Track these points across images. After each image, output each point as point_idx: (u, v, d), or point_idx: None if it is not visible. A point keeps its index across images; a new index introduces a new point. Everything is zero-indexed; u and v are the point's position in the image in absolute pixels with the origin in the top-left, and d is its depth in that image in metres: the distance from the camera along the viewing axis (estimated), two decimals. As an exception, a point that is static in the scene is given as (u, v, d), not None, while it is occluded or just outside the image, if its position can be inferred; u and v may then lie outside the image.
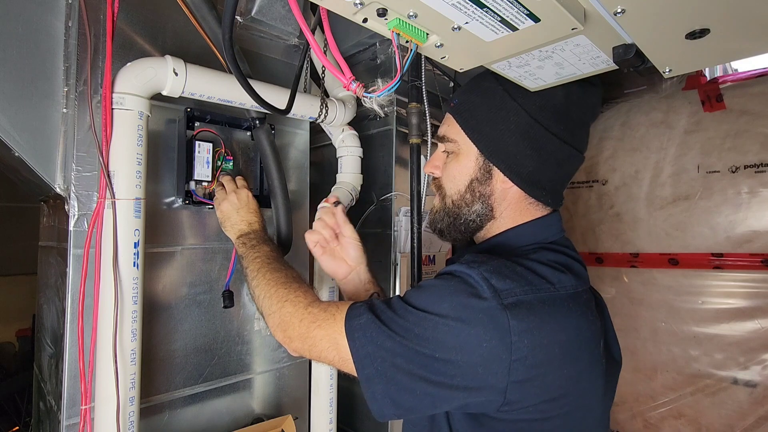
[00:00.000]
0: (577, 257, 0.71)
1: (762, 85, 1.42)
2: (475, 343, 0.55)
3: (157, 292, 0.95)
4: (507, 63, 0.66)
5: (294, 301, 0.72)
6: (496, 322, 0.54)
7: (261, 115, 1.01)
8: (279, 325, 0.72)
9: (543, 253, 0.67)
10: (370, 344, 0.58)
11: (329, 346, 0.63)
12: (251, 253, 0.86)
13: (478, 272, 0.58)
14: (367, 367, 0.58)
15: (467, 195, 0.73)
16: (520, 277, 0.59)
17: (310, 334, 0.66)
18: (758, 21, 0.51)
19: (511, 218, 0.73)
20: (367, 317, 0.61)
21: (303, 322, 0.68)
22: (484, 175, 0.72)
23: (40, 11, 0.82)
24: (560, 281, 0.62)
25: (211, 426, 1.03)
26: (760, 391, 1.40)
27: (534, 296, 0.58)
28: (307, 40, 0.63)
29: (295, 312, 0.70)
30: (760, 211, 1.41)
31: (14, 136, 0.79)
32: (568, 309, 0.60)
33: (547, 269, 0.62)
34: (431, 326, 0.56)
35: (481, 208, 0.73)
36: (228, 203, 0.94)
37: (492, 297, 0.56)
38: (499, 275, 0.58)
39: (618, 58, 0.61)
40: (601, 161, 1.77)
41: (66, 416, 0.81)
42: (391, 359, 0.57)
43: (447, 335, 0.55)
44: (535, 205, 0.73)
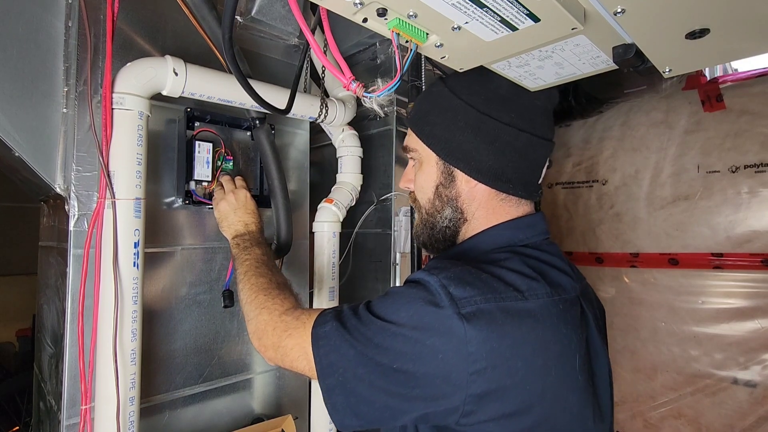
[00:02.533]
0: (558, 263, 0.65)
1: (762, 85, 1.42)
2: (431, 354, 0.53)
3: (157, 292, 0.95)
4: (507, 63, 0.66)
5: (270, 309, 0.71)
6: (452, 333, 0.52)
7: (261, 115, 1.01)
8: (255, 333, 0.71)
9: (515, 259, 0.62)
10: (333, 353, 0.57)
11: (299, 356, 0.62)
12: (242, 255, 0.86)
13: (437, 279, 0.56)
14: (328, 376, 0.57)
15: (436, 202, 0.72)
16: (484, 284, 0.56)
17: (281, 343, 0.65)
18: (758, 21, 0.51)
19: (484, 218, 0.70)
20: (331, 325, 0.59)
21: (276, 331, 0.67)
22: (447, 179, 0.71)
23: (40, 11, 0.82)
24: (530, 288, 0.58)
25: (211, 426, 1.03)
26: (760, 391, 1.40)
27: (496, 305, 0.55)
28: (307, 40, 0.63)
29: (270, 320, 0.69)
30: (760, 211, 1.41)
31: (14, 136, 0.79)
32: (534, 320, 0.56)
33: (515, 276, 0.59)
34: (389, 336, 0.55)
35: (452, 212, 0.71)
36: (226, 203, 0.94)
37: (449, 305, 0.53)
38: (459, 282, 0.56)
39: (618, 58, 0.61)
40: (601, 161, 1.77)
41: (66, 416, 0.81)
42: (353, 369, 0.56)
43: (404, 345, 0.54)
44: (508, 201, 0.70)
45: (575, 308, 0.62)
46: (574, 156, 1.86)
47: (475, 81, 0.70)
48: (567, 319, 0.59)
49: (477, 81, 0.70)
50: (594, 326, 0.67)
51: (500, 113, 0.68)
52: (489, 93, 0.69)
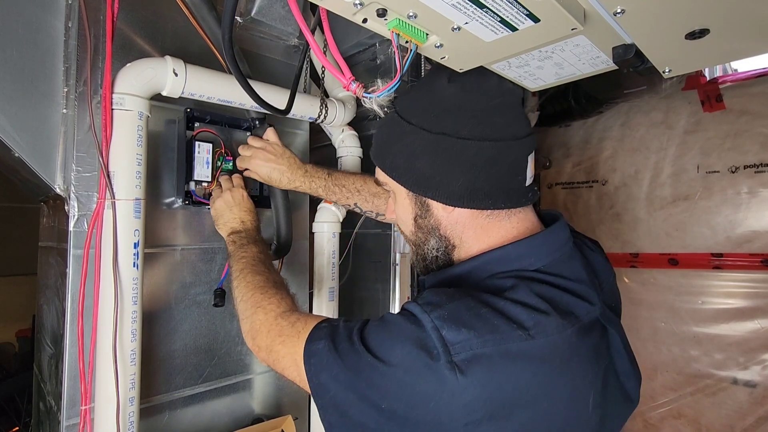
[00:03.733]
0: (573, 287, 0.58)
1: (762, 85, 1.42)
2: (423, 401, 0.49)
3: (157, 292, 0.95)
4: (507, 63, 0.66)
5: (266, 309, 0.70)
6: (445, 382, 0.47)
7: (261, 115, 1.01)
8: (249, 332, 0.70)
9: (521, 288, 0.55)
10: (324, 372, 0.55)
11: (290, 365, 0.60)
12: (239, 252, 0.85)
13: (429, 320, 0.51)
14: (321, 397, 0.55)
15: (419, 233, 0.67)
16: (483, 322, 0.50)
17: (274, 348, 0.64)
18: (758, 21, 0.51)
19: (475, 239, 0.63)
20: (324, 344, 0.56)
21: (270, 334, 0.65)
22: (422, 209, 0.65)
23: (40, 12, 0.82)
24: (537, 325, 0.51)
25: (211, 426, 1.03)
26: (759, 391, 1.40)
27: (495, 348, 0.49)
28: (307, 41, 0.63)
29: (265, 321, 0.68)
30: (759, 211, 1.41)
31: (14, 136, 0.79)
32: (541, 362, 0.50)
33: (520, 310, 0.52)
34: (378, 375, 0.51)
35: (437, 242, 0.65)
36: (221, 201, 0.94)
37: (442, 352, 0.48)
38: (453, 323, 0.50)
39: (618, 59, 0.61)
40: (601, 161, 1.77)
41: (66, 416, 0.81)
42: (344, 393, 0.53)
43: (394, 387, 0.50)
44: (496, 216, 0.62)
45: (592, 335, 0.57)
46: (574, 156, 1.86)
47: (420, 99, 0.65)
48: (579, 353, 0.54)
49: (423, 98, 0.65)
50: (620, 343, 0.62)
51: (455, 128, 0.61)
52: (436, 109, 0.63)
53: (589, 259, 0.69)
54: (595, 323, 0.58)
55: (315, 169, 0.99)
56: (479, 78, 0.64)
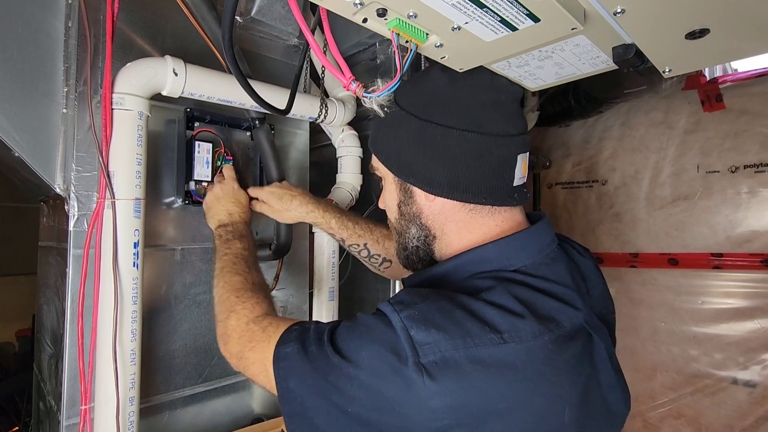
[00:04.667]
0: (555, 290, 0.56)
1: (762, 85, 1.42)
2: (389, 407, 0.47)
3: (157, 292, 0.95)
4: (507, 63, 0.66)
5: (239, 314, 0.68)
6: (412, 386, 0.46)
7: (261, 115, 1.01)
8: (221, 337, 0.69)
9: (498, 290, 0.53)
10: (292, 377, 0.54)
11: (260, 372, 0.59)
12: (222, 248, 0.82)
13: (399, 319, 0.49)
14: (288, 403, 0.54)
15: (402, 221, 0.67)
16: (455, 324, 0.48)
17: (245, 354, 0.62)
18: (758, 21, 0.51)
19: (456, 233, 0.63)
20: (293, 347, 0.55)
21: (241, 340, 0.64)
22: (405, 195, 0.65)
23: (40, 11, 0.82)
24: (512, 329, 0.49)
25: (211, 426, 1.03)
26: (759, 391, 1.40)
27: (465, 353, 0.47)
28: (307, 40, 0.63)
29: (237, 327, 0.66)
30: (759, 211, 1.41)
31: (14, 136, 0.79)
32: (513, 370, 0.48)
33: (496, 312, 0.50)
34: (345, 378, 0.49)
35: (417, 230, 0.65)
36: (211, 193, 0.92)
37: (409, 353, 0.47)
38: (423, 324, 0.48)
39: (618, 58, 0.61)
40: (600, 161, 1.77)
41: (66, 416, 0.81)
42: (312, 399, 0.52)
43: (360, 391, 0.48)
44: (479, 212, 0.61)
45: (574, 343, 0.54)
46: (574, 156, 1.86)
47: (415, 87, 0.65)
48: (555, 362, 0.51)
49: (418, 86, 0.65)
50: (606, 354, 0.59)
51: (442, 116, 0.61)
52: (427, 97, 0.63)
53: (578, 264, 0.68)
54: (579, 330, 0.56)
55: (326, 203, 0.98)
56: (473, 72, 0.64)
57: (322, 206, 0.95)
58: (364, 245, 0.95)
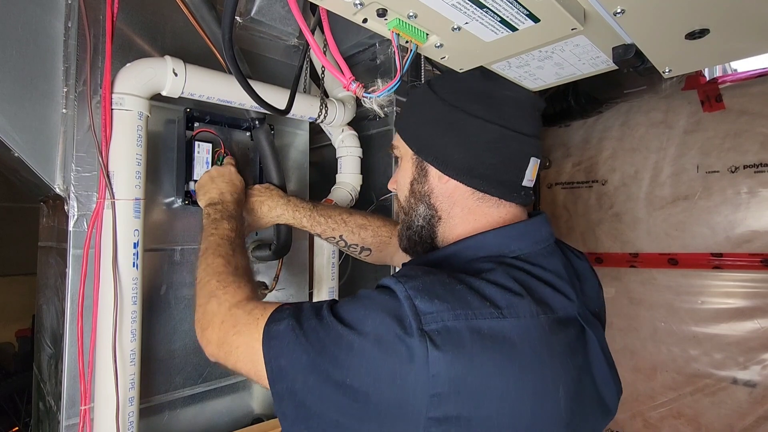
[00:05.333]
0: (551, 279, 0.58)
1: (761, 85, 1.42)
2: (389, 378, 0.48)
3: (157, 292, 0.95)
4: (507, 63, 0.66)
5: (220, 299, 0.65)
6: (413, 352, 0.47)
7: (260, 115, 1.01)
8: (199, 322, 0.66)
9: (498, 271, 0.56)
10: (283, 356, 0.53)
11: (245, 356, 0.57)
12: (209, 228, 0.80)
13: (403, 289, 0.51)
14: (278, 382, 0.53)
15: (411, 199, 0.69)
16: (456, 298, 0.50)
17: (227, 339, 0.60)
18: (758, 21, 0.51)
19: (461, 218, 0.65)
20: (287, 324, 0.54)
21: (223, 326, 0.61)
22: (420, 174, 0.68)
23: (40, 12, 0.82)
24: (510, 306, 0.51)
25: (210, 426, 1.03)
26: (759, 391, 1.40)
27: (465, 323, 0.49)
28: (307, 41, 0.63)
29: (218, 311, 0.63)
30: (759, 211, 1.41)
31: (14, 136, 0.79)
32: (510, 344, 0.49)
33: (495, 289, 0.52)
34: (347, 347, 0.50)
35: (425, 209, 0.67)
36: (206, 174, 0.92)
37: (413, 320, 0.48)
38: (427, 294, 0.50)
39: (618, 58, 0.61)
40: (600, 161, 1.77)
41: (65, 416, 0.81)
42: (304, 378, 0.51)
43: (361, 362, 0.49)
44: (487, 201, 0.64)
45: (566, 330, 0.56)
46: (574, 156, 1.86)
47: (450, 75, 0.69)
48: (551, 343, 0.53)
49: (452, 75, 0.68)
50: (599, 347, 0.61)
51: (468, 105, 0.64)
52: (460, 85, 0.67)
53: (573, 263, 0.70)
54: (571, 320, 0.58)
55: (298, 199, 0.97)
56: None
57: (292, 206, 0.95)
58: (340, 237, 0.98)
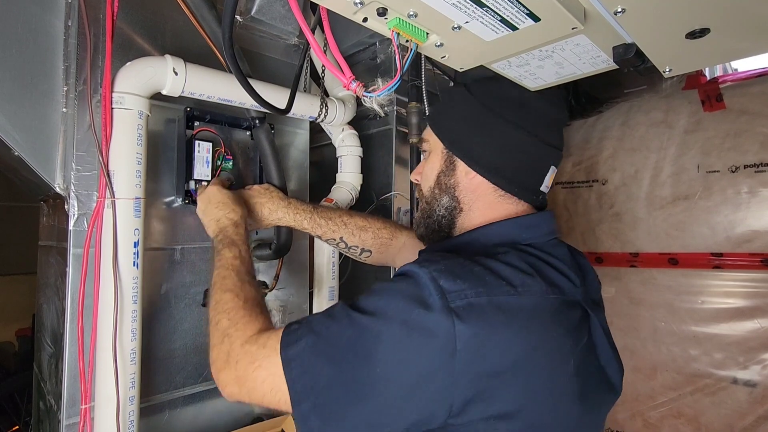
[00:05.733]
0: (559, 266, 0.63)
1: (762, 84, 1.42)
2: (417, 355, 0.50)
3: (157, 291, 0.95)
4: (507, 62, 0.66)
5: (232, 338, 0.64)
6: (440, 328, 0.50)
7: (261, 114, 1.01)
8: (215, 363, 0.64)
9: (512, 254, 0.61)
10: (306, 374, 0.53)
11: (271, 389, 0.56)
12: (216, 261, 0.78)
13: (427, 272, 0.54)
14: (302, 402, 0.53)
15: (436, 189, 0.74)
16: (475, 277, 0.54)
17: (248, 376, 0.59)
18: (758, 21, 0.51)
19: (481, 212, 0.71)
20: (304, 342, 0.55)
21: (239, 365, 0.60)
22: (448, 167, 0.72)
23: (40, 11, 0.82)
24: (524, 284, 0.56)
25: (211, 426, 1.03)
26: (759, 390, 1.40)
27: (487, 299, 0.53)
28: (307, 40, 0.63)
29: (231, 351, 0.62)
30: (759, 211, 1.41)
31: (14, 135, 0.79)
32: (527, 317, 0.54)
33: (510, 270, 0.57)
34: (373, 338, 0.52)
35: (449, 200, 0.72)
36: (198, 208, 0.90)
37: (438, 299, 0.52)
38: (450, 275, 0.54)
39: (618, 58, 0.61)
40: (601, 161, 1.77)
41: (66, 416, 0.81)
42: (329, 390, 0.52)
43: (389, 346, 0.51)
44: (507, 199, 0.70)
45: (573, 311, 0.60)
46: (574, 156, 1.86)
47: (490, 81, 0.73)
48: (561, 320, 0.57)
49: (492, 82, 0.73)
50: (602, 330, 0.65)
51: (506, 111, 0.70)
52: (499, 93, 0.72)
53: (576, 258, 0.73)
54: (576, 303, 0.62)
55: (298, 201, 0.98)
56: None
57: (293, 209, 0.95)
58: (340, 239, 0.99)
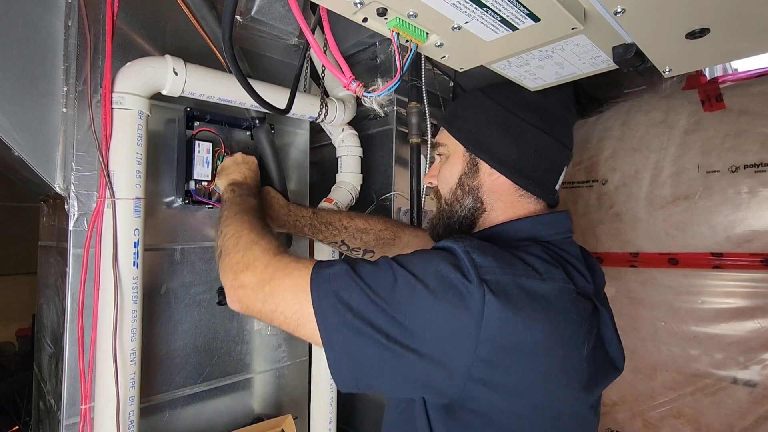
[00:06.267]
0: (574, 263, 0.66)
1: (762, 84, 1.42)
2: (447, 316, 0.53)
3: (157, 291, 0.95)
4: (507, 62, 0.66)
5: (264, 247, 0.66)
6: (472, 296, 0.53)
7: (261, 114, 1.01)
8: (236, 265, 0.65)
9: (536, 247, 0.64)
10: (333, 295, 0.56)
11: (292, 298, 0.58)
12: (236, 199, 0.82)
13: (461, 245, 0.58)
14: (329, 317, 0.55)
15: (458, 191, 0.76)
16: (504, 259, 0.58)
17: (273, 281, 0.61)
18: (758, 21, 0.51)
19: (502, 210, 0.73)
20: (340, 267, 0.58)
21: (267, 269, 0.62)
22: (471, 169, 0.75)
23: (40, 11, 0.82)
24: (548, 272, 0.59)
25: (211, 426, 1.03)
26: (759, 390, 1.40)
27: (513, 279, 0.56)
28: (307, 40, 0.63)
29: (262, 257, 0.65)
30: (759, 211, 1.41)
31: (14, 135, 0.79)
32: (548, 302, 0.57)
33: (534, 259, 0.60)
34: (408, 290, 0.55)
35: (472, 201, 0.74)
36: (230, 159, 0.96)
37: (471, 270, 0.55)
38: (481, 252, 0.57)
39: (618, 58, 0.61)
40: (601, 161, 1.77)
41: (66, 416, 0.81)
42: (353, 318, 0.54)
43: (422, 302, 0.54)
44: (527, 198, 0.73)
45: (587, 303, 0.63)
46: (574, 156, 1.85)
47: (506, 86, 0.77)
48: (578, 308, 0.60)
49: (508, 87, 0.76)
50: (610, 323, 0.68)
51: (526, 114, 0.73)
52: (518, 97, 0.75)
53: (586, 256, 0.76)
54: (588, 297, 0.65)
55: (298, 207, 1.00)
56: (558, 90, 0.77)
57: (293, 217, 0.98)
58: (341, 241, 1.02)
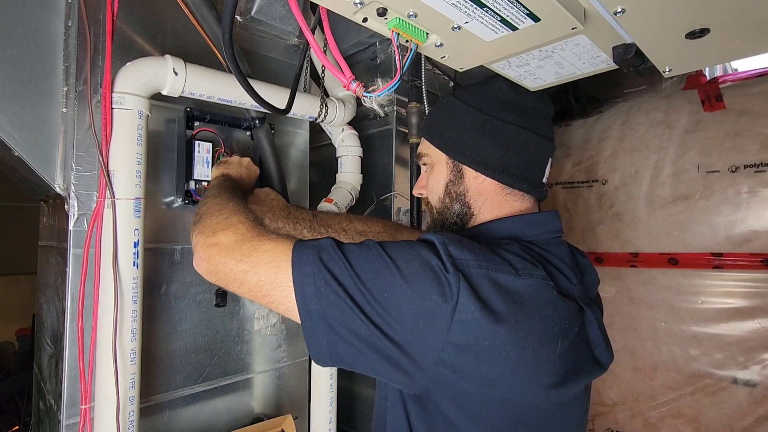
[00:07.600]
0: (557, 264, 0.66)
1: (762, 84, 1.42)
2: (423, 296, 0.55)
3: (157, 291, 0.95)
4: (507, 63, 0.66)
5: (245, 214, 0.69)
6: (449, 284, 0.55)
7: (261, 114, 1.01)
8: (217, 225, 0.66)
9: (515, 245, 0.65)
10: (316, 263, 0.57)
11: (271, 260, 0.59)
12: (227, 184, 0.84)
13: (439, 238, 0.59)
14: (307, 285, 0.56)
15: (446, 199, 0.76)
16: (481, 253, 0.59)
17: (254, 240, 0.62)
18: (758, 21, 0.51)
19: (490, 211, 0.74)
20: (325, 241, 0.60)
21: (251, 231, 0.64)
22: (456, 176, 0.75)
23: (40, 11, 0.82)
24: (525, 268, 0.60)
25: (210, 426, 1.03)
26: (759, 390, 1.40)
27: (487, 272, 0.57)
28: (307, 40, 0.63)
29: (247, 222, 0.66)
30: (759, 211, 1.41)
31: (14, 135, 0.79)
32: (521, 296, 0.57)
33: (513, 256, 0.61)
34: (387, 270, 0.56)
35: (460, 207, 0.75)
36: (236, 156, 0.98)
37: (447, 260, 0.56)
38: (458, 245, 0.59)
39: (618, 58, 0.61)
40: (601, 161, 1.77)
41: (66, 416, 0.81)
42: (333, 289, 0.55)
43: (399, 281, 0.55)
44: (513, 195, 0.73)
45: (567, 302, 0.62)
46: (574, 156, 1.86)
47: (478, 88, 0.77)
48: (555, 306, 0.60)
49: (480, 88, 0.77)
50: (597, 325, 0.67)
51: (502, 113, 0.73)
52: (491, 97, 0.75)
53: (576, 258, 0.75)
54: (572, 298, 0.64)
55: (298, 209, 1.00)
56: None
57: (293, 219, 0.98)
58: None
